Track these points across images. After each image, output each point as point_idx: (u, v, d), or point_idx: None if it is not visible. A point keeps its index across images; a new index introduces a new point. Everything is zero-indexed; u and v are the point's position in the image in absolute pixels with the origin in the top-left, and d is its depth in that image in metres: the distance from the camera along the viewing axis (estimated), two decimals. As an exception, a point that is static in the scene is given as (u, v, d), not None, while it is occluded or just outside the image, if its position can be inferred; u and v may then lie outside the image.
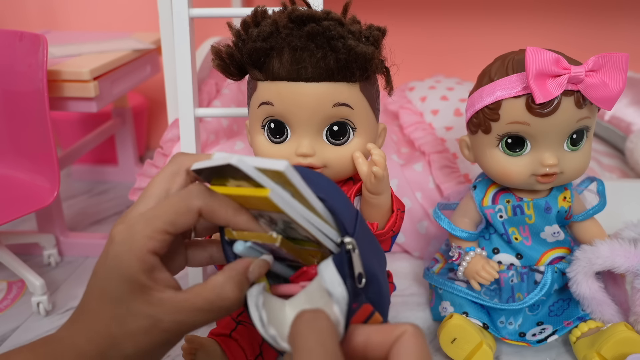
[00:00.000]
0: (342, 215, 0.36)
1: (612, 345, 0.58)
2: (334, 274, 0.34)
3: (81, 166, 1.21)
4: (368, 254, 0.38)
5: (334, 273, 0.34)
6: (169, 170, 0.39)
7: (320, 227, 0.36)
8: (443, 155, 0.84)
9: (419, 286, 0.78)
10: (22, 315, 0.74)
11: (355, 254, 0.35)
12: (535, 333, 0.64)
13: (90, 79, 0.79)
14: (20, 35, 0.75)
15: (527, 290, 0.64)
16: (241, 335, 0.57)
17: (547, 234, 0.64)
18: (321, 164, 0.55)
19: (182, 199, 0.36)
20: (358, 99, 0.54)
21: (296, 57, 0.51)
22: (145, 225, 0.35)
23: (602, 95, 0.54)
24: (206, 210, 0.36)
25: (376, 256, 0.41)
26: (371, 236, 0.42)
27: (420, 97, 1.00)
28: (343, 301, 0.33)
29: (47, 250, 0.86)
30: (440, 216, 0.67)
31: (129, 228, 0.35)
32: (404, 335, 0.31)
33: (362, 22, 0.55)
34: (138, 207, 0.37)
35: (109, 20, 1.29)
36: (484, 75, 0.60)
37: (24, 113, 0.76)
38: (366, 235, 0.40)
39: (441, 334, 0.62)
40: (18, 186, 0.77)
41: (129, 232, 0.35)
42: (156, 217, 0.35)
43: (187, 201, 0.36)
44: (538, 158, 0.58)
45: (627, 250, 0.60)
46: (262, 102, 0.54)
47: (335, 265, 0.35)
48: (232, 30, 0.54)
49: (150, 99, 1.33)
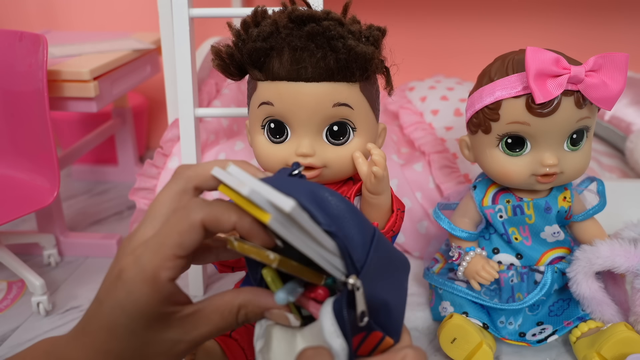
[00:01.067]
0: (352, 248, 0.35)
1: (612, 345, 0.58)
2: (332, 324, 0.33)
3: (81, 166, 1.21)
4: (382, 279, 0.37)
5: (332, 323, 0.33)
6: (175, 188, 0.37)
7: (326, 257, 0.34)
8: (443, 155, 0.84)
9: (419, 286, 0.78)
10: (22, 315, 0.74)
11: (359, 292, 0.34)
12: (535, 333, 0.64)
13: (90, 79, 0.79)
14: (20, 35, 0.75)
15: (527, 290, 0.64)
16: (241, 335, 0.57)
17: (547, 234, 0.64)
18: (321, 164, 0.55)
19: (182, 218, 0.34)
20: (358, 99, 0.54)
21: (296, 57, 0.51)
22: (154, 256, 0.33)
23: (602, 95, 0.54)
24: (209, 220, 0.34)
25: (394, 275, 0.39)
26: (390, 253, 0.39)
27: (420, 97, 1.00)
28: (342, 353, 0.32)
29: (47, 250, 0.86)
30: (440, 216, 0.67)
31: (136, 260, 0.33)
32: (405, 359, 0.31)
33: (362, 22, 0.55)
34: (145, 230, 0.35)
35: (109, 20, 1.29)
36: (484, 75, 0.60)
37: (24, 113, 0.76)
38: (382, 256, 0.38)
39: (441, 334, 0.62)
40: (18, 186, 0.77)
41: (138, 265, 0.33)
42: (162, 245, 0.33)
43: (188, 218, 0.34)
44: (538, 158, 0.58)
45: (627, 250, 0.60)
46: (262, 102, 0.54)
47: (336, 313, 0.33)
48: (232, 30, 0.54)
49: (150, 99, 1.33)
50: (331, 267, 0.35)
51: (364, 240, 0.36)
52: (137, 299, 0.33)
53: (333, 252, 0.34)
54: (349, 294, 0.34)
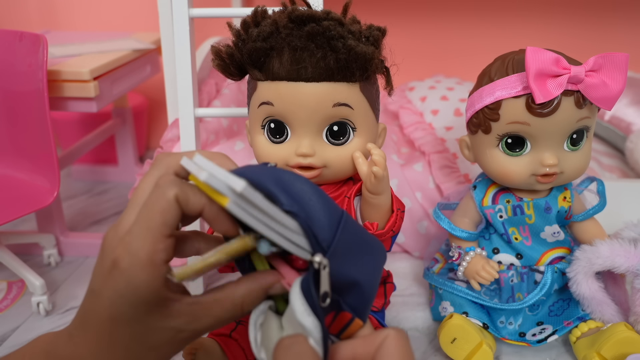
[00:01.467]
0: (317, 227, 0.35)
1: (612, 345, 0.58)
2: (301, 303, 0.33)
3: (81, 166, 1.21)
4: (350, 260, 0.37)
5: (301, 303, 0.33)
6: (156, 174, 0.37)
7: (290, 237, 0.35)
8: (443, 155, 0.84)
9: (419, 286, 0.78)
10: (22, 315, 0.74)
11: (325, 272, 0.34)
12: (535, 333, 0.64)
13: (90, 79, 0.79)
14: (20, 35, 0.75)
15: (527, 290, 0.64)
16: (241, 335, 0.57)
17: (547, 234, 0.64)
18: (321, 164, 0.55)
19: (159, 196, 0.34)
20: (358, 99, 0.54)
21: (296, 57, 0.51)
22: (144, 241, 0.33)
23: (602, 95, 0.54)
24: (181, 198, 0.34)
25: (364, 258, 0.39)
26: (360, 236, 0.40)
27: (420, 97, 1.00)
28: (315, 330, 0.33)
29: (47, 250, 0.86)
30: (440, 216, 0.67)
31: (127, 249, 0.33)
32: (386, 339, 0.31)
33: (362, 22, 0.55)
34: (129, 218, 0.35)
35: (109, 20, 1.29)
36: (484, 75, 0.60)
37: (24, 113, 0.76)
38: (351, 237, 0.38)
39: (441, 334, 0.62)
40: (18, 186, 0.77)
41: (130, 253, 0.33)
42: (148, 229, 0.34)
43: (164, 195, 0.34)
44: (538, 158, 0.58)
45: (627, 250, 0.60)
46: (262, 102, 0.54)
47: (304, 292, 0.34)
48: (232, 30, 0.54)
49: (150, 99, 1.33)
50: (295, 247, 0.35)
51: (330, 221, 0.36)
52: (137, 286, 0.33)
53: (296, 232, 0.35)
54: (316, 273, 0.34)
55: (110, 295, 0.33)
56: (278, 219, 0.34)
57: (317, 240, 0.35)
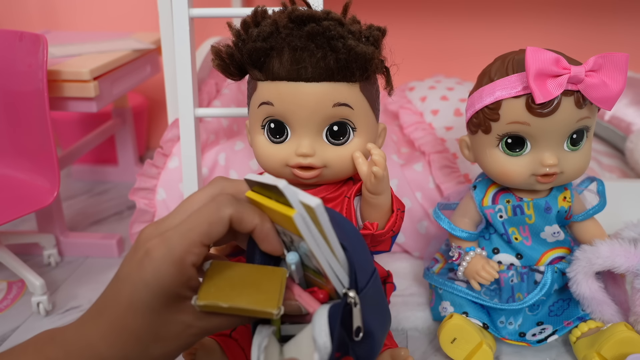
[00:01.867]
0: (358, 269, 0.37)
1: (612, 345, 0.58)
2: (324, 323, 0.35)
3: (81, 166, 1.21)
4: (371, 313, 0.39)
5: (324, 323, 0.35)
6: (211, 192, 0.39)
7: (334, 266, 0.37)
8: (443, 155, 0.84)
9: (419, 286, 0.78)
10: (22, 315, 0.74)
11: (356, 309, 0.36)
12: (535, 333, 0.64)
13: (90, 79, 0.79)
14: (20, 35, 0.75)
15: (527, 290, 0.64)
16: (241, 335, 0.57)
17: (547, 234, 0.64)
18: (321, 164, 0.55)
19: (213, 210, 0.37)
20: (358, 99, 0.54)
21: (296, 57, 0.51)
22: (182, 239, 0.35)
23: (602, 95, 0.54)
24: (236, 217, 0.37)
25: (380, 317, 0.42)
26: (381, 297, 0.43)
27: (420, 97, 1.00)
28: (324, 351, 0.34)
29: (47, 250, 0.86)
30: (440, 216, 0.67)
31: (165, 242, 0.35)
32: None
33: (362, 22, 0.55)
34: (173, 219, 0.38)
35: (109, 20, 1.29)
36: (484, 75, 0.60)
37: (24, 113, 0.76)
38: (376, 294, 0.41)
39: (441, 334, 0.62)
40: (18, 186, 0.77)
41: (166, 246, 0.35)
42: (191, 231, 0.36)
43: (219, 210, 0.37)
44: (538, 158, 0.58)
45: (627, 250, 0.60)
46: (262, 102, 0.54)
47: (329, 315, 0.35)
48: (232, 30, 0.54)
49: (150, 99, 1.33)
50: (335, 277, 0.37)
51: (367, 269, 0.39)
52: (162, 278, 0.35)
53: (341, 264, 0.37)
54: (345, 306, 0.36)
55: (135, 281, 0.35)
56: (332, 244, 0.36)
57: (356, 279, 0.37)
